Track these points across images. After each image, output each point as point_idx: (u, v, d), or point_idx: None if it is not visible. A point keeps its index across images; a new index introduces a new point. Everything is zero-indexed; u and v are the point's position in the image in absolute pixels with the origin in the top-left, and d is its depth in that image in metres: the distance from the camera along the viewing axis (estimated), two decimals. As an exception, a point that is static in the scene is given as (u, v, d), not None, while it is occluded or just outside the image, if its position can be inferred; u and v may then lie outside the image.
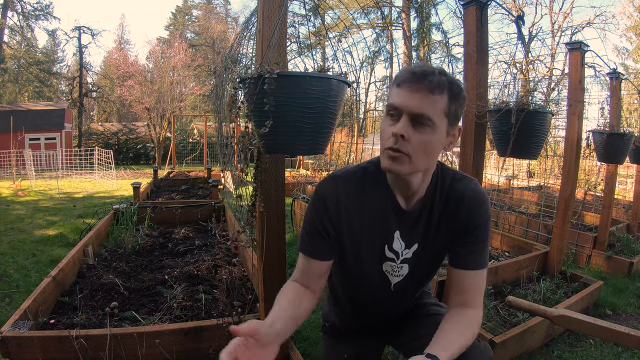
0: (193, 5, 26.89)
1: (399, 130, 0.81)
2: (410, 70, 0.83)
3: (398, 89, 0.83)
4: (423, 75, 0.80)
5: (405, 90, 0.82)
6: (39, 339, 1.41)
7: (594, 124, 2.98)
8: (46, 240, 3.61)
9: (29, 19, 18.24)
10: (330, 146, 7.40)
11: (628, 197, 5.30)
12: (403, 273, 1.00)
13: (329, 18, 5.06)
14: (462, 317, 0.91)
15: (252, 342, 0.75)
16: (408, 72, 0.83)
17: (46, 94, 21.84)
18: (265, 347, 0.77)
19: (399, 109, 0.83)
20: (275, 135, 1.08)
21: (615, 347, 1.95)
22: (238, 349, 0.73)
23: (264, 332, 0.77)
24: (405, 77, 0.83)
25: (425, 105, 0.81)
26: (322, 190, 0.96)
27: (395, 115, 0.84)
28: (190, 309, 1.87)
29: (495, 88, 2.26)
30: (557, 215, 2.72)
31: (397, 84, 0.84)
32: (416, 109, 0.81)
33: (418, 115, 0.81)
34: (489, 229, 0.96)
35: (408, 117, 0.82)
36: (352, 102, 2.72)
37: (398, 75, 0.86)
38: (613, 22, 14.38)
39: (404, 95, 0.82)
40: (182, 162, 11.19)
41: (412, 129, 0.82)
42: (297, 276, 0.99)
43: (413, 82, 0.81)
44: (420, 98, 0.81)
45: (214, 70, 14.27)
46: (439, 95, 0.81)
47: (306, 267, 0.98)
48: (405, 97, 0.82)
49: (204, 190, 5.29)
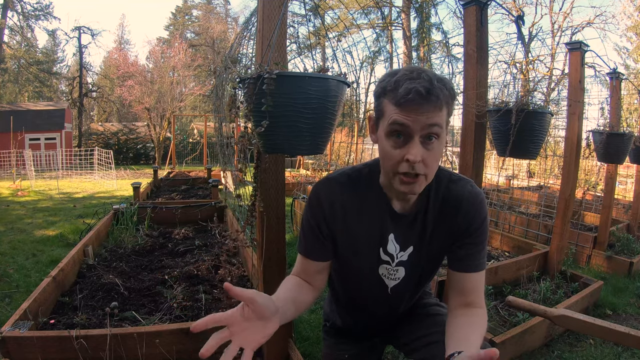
0: (193, 5, 26.90)
1: (416, 158, 0.77)
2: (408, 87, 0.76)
3: (399, 108, 0.77)
4: (429, 93, 0.75)
5: (412, 111, 0.77)
6: (39, 339, 1.40)
7: (594, 124, 2.98)
8: (46, 240, 3.61)
9: (29, 19, 18.24)
10: (330, 146, 7.40)
11: (628, 197, 5.30)
12: (399, 276, 1.00)
13: (328, 18, 5.05)
14: (475, 316, 0.90)
15: (248, 313, 0.69)
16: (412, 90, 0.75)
17: (46, 94, 21.85)
18: (265, 320, 0.71)
19: (407, 129, 0.78)
20: (274, 135, 1.08)
21: (615, 347, 1.95)
22: (232, 318, 0.67)
23: (262, 302, 0.70)
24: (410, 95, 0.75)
25: (435, 123, 0.78)
26: (318, 191, 0.96)
27: (403, 136, 0.79)
28: (191, 309, 1.87)
29: (495, 88, 2.27)
30: (557, 215, 2.72)
31: (398, 103, 0.77)
32: (428, 129, 0.78)
33: (427, 134, 0.78)
34: (487, 229, 0.96)
35: (419, 138, 0.78)
36: (352, 102, 2.72)
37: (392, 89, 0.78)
38: (613, 22, 14.39)
39: (411, 115, 0.77)
40: (182, 162, 11.19)
41: (423, 149, 0.79)
42: (296, 271, 1.00)
43: (420, 101, 0.76)
44: (430, 117, 0.77)
45: (214, 70, 14.26)
46: (444, 109, 0.79)
47: (304, 266, 0.99)
48: (413, 117, 0.77)
49: (204, 190, 5.29)
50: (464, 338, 0.83)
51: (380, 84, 0.83)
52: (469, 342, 0.80)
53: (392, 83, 0.79)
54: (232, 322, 0.68)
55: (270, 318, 0.72)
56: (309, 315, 2.23)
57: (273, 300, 0.75)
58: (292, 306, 0.85)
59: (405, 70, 0.80)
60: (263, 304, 0.70)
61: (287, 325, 1.53)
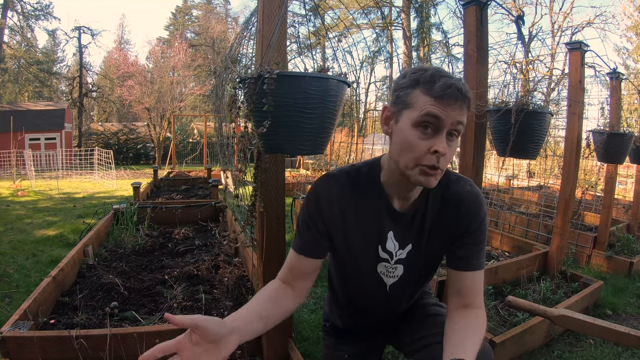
0: (193, 5, 26.90)
1: (444, 150, 0.79)
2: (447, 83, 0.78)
3: (436, 100, 0.78)
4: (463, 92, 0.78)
5: (448, 106, 0.78)
6: (39, 339, 1.40)
7: (594, 124, 2.98)
8: (46, 240, 3.61)
9: (29, 19, 18.24)
10: (330, 146, 7.39)
11: (628, 197, 5.30)
12: (398, 274, 1.00)
13: (329, 18, 5.05)
14: (474, 318, 0.90)
15: (196, 338, 0.69)
16: (452, 86, 0.77)
17: (46, 94, 21.85)
18: (217, 343, 0.71)
19: (440, 123, 0.79)
20: (274, 135, 1.08)
21: (615, 347, 1.95)
22: (180, 344, 0.68)
23: (208, 327, 0.70)
24: (449, 90, 0.77)
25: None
26: (317, 189, 0.96)
27: (433, 128, 0.80)
28: (191, 309, 1.87)
29: (495, 88, 2.27)
30: (557, 215, 2.72)
31: (435, 95, 0.78)
32: (456, 125, 0.80)
33: (455, 129, 0.80)
34: (487, 228, 0.96)
35: (446, 132, 0.80)
36: (352, 102, 2.73)
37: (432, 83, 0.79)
38: (613, 22, 14.40)
39: (446, 108, 0.78)
40: (182, 162, 11.19)
41: (445, 143, 0.80)
42: (282, 274, 0.98)
43: (457, 97, 0.78)
44: (461, 114, 0.79)
45: (214, 70, 14.27)
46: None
47: (294, 263, 0.97)
48: (450, 112, 0.78)
49: (204, 190, 5.29)
50: (460, 343, 0.83)
51: (412, 75, 0.82)
52: (466, 347, 0.81)
53: (428, 76, 0.79)
54: (181, 348, 0.69)
55: (222, 340, 0.72)
56: (309, 315, 2.23)
57: (224, 323, 0.74)
58: (258, 322, 0.84)
59: (435, 69, 0.82)
60: (210, 329, 0.70)
61: (287, 325, 1.53)
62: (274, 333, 1.48)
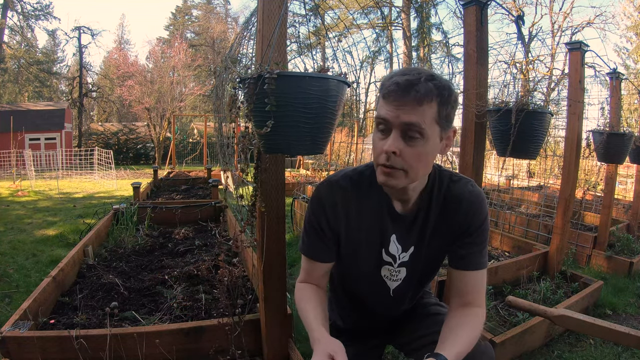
0: (193, 5, 26.89)
1: (389, 148, 0.79)
2: (394, 80, 0.78)
3: (384, 101, 0.80)
4: (409, 86, 0.76)
5: (392, 104, 0.78)
6: (39, 339, 1.40)
7: (594, 124, 2.97)
8: (46, 240, 3.61)
9: (29, 19, 18.24)
10: (330, 146, 7.39)
11: (628, 197, 5.30)
12: (401, 277, 1.00)
13: (329, 18, 5.06)
14: (468, 316, 0.91)
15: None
16: (393, 82, 0.78)
17: (46, 94, 21.85)
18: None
19: (388, 123, 0.80)
20: (275, 136, 1.08)
21: (615, 347, 1.95)
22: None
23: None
24: (391, 88, 0.78)
25: (414, 118, 0.77)
26: (320, 193, 0.97)
27: (385, 129, 0.81)
28: (191, 309, 1.87)
29: (495, 88, 2.26)
30: (557, 215, 2.72)
31: (383, 96, 0.80)
32: (405, 123, 0.78)
33: (408, 129, 0.78)
34: (488, 228, 0.96)
35: (398, 131, 0.79)
36: (352, 102, 2.72)
37: (384, 85, 0.81)
38: (613, 22, 14.40)
39: (392, 108, 0.78)
40: (182, 162, 11.19)
41: (403, 142, 0.79)
42: (304, 277, 1.03)
43: (399, 95, 0.77)
44: (408, 111, 0.77)
45: (214, 71, 14.28)
46: (427, 105, 0.77)
47: (310, 267, 1.01)
48: (393, 111, 0.78)
49: (204, 190, 5.29)
50: (448, 339, 0.85)
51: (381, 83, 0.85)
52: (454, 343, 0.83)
53: (387, 77, 0.82)
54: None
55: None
56: (309, 315, 2.23)
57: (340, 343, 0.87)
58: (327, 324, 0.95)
59: (403, 69, 0.83)
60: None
61: (287, 325, 1.53)
62: (274, 333, 1.49)
